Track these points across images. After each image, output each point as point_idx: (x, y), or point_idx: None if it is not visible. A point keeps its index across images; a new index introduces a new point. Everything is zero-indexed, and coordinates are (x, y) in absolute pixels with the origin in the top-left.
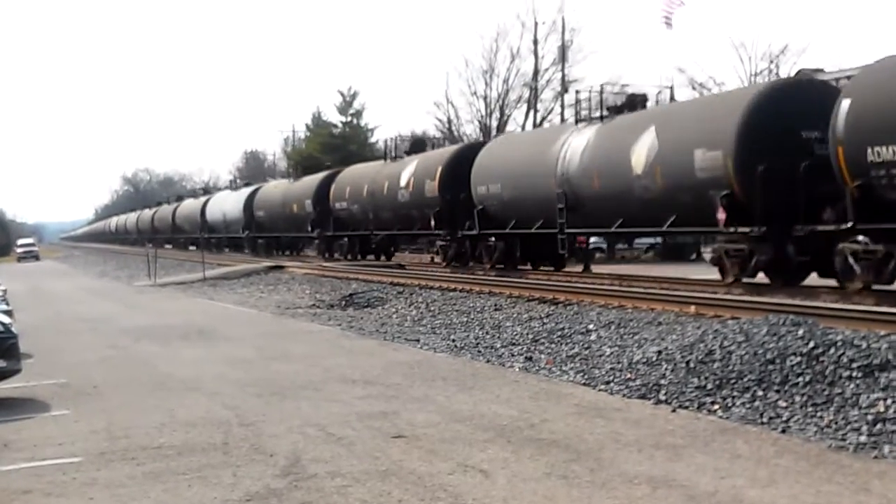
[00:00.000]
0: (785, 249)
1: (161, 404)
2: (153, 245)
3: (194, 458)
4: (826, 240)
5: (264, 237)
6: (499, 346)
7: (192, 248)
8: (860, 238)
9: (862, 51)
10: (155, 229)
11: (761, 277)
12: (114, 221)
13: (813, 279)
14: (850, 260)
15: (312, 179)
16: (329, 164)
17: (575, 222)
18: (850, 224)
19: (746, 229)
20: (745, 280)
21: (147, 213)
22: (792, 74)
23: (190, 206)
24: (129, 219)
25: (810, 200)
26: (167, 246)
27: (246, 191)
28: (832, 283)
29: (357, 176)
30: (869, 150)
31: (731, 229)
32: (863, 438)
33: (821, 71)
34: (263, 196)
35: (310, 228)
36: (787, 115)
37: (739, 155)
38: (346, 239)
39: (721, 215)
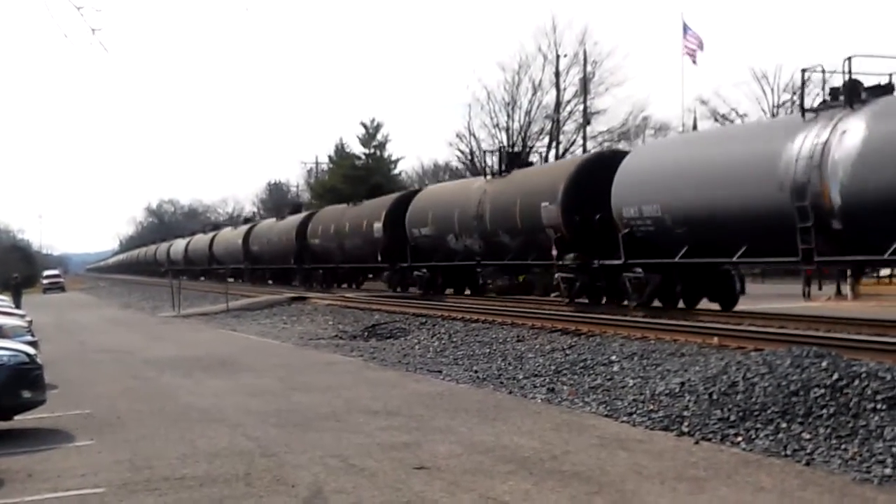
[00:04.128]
0: None
1: (184, 435)
2: (186, 277)
3: (216, 489)
4: None
5: (320, 267)
6: (521, 377)
7: (230, 280)
8: None
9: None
10: (189, 260)
11: None
12: (142, 252)
13: None
14: None
15: (383, 202)
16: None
17: (825, 248)
18: None
19: None
20: None
21: (180, 242)
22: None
23: (229, 235)
24: (160, 249)
25: None
26: (202, 279)
27: (296, 218)
28: None
29: (441, 196)
30: None
31: None
32: (888, 471)
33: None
34: (318, 222)
35: (380, 258)
36: None
37: None
38: (424, 270)
39: None
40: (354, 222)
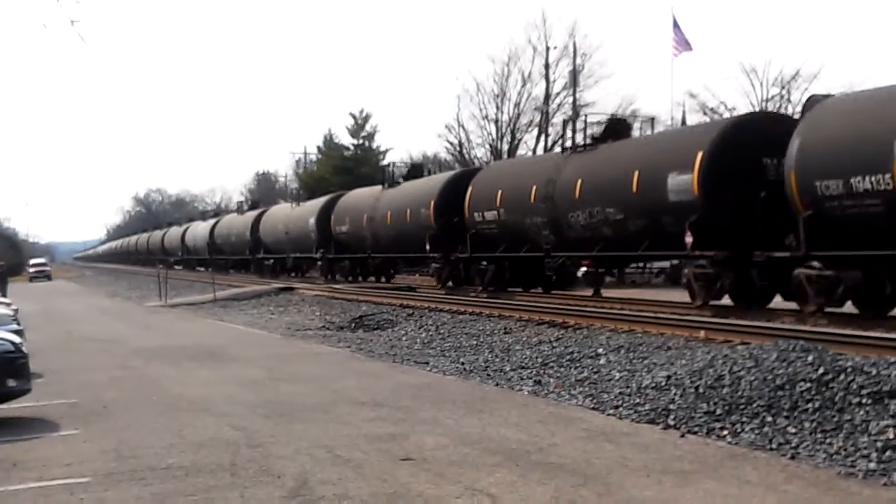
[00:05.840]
0: None
1: (170, 425)
2: (204, 268)
3: (202, 479)
4: None
5: (485, 257)
6: (508, 369)
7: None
8: None
9: (873, 74)
10: (216, 248)
11: None
12: (141, 239)
13: None
14: None
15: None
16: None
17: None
18: None
19: None
20: None
21: (200, 226)
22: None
23: (291, 213)
24: (169, 234)
25: None
26: (231, 271)
27: (428, 181)
28: None
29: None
30: None
31: None
32: (872, 465)
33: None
34: (490, 186)
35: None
36: None
37: None
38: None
39: None
40: (617, 173)
